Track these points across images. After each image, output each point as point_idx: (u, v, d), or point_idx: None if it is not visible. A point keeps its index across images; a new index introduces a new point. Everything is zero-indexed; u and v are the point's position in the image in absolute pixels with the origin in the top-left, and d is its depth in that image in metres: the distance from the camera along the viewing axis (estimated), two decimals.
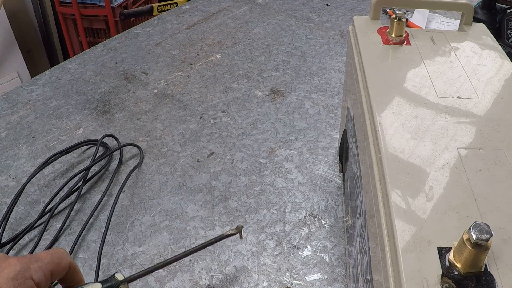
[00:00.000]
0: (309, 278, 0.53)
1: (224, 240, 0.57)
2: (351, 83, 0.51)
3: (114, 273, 0.41)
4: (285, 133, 0.74)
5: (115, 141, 0.73)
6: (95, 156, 0.69)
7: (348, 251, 0.51)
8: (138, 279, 0.46)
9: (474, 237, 0.25)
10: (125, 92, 0.86)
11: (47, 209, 0.61)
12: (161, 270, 0.54)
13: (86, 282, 0.40)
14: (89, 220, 0.60)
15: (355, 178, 0.46)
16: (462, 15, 0.53)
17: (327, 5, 1.17)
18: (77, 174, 0.65)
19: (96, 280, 0.52)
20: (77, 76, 0.92)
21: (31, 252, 0.56)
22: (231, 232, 0.50)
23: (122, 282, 0.41)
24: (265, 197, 0.63)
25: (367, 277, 0.36)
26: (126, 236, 0.58)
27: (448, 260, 0.27)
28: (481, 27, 0.53)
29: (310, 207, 0.61)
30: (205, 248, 0.50)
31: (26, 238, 0.58)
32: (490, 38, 0.51)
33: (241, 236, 0.51)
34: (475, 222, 0.26)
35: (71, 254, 0.55)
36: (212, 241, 0.49)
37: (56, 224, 0.60)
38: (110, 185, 0.65)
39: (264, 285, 0.52)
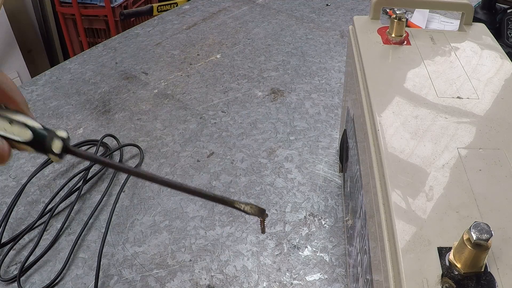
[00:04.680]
0: (309, 278, 0.53)
1: (224, 240, 0.57)
2: (351, 83, 0.51)
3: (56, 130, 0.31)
4: (285, 133, 0.74)
5: (115, 141, 0.73)
6: None
7: (348, 251, 0.51)
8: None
9: (474, 237, 0.25)
10: (125, 92, 0.86)
11: (47, 209, 0.61)
12: (161, 270, 0.54)
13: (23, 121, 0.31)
14: (89, 220, 0.60)
15: (355, 178, 0.46)
16: (462, 15, 0.53)
17: (327, 5, 1.17)
18: (77, 174, 0.65)
19: (96, 280, 0.52)
20: (77, 76, 0.92)
21: (31, 253, 0.56)
22: (249, 209, 0.36)
23: (63, 141, 0.31)
24: (265, 197, 0.63)
25: (367, 277, 0.36)
26: (126, 236, 0.58)
27: (448, 260, 0.27)
28: (481, 27, 0.53)
29: (310, 207, 0.61)
30: (205, 249, 0.49)
31: (26, 238, 0.58)
32: (490, 38, 0.51)
33: (262, 226, 0.38)
34: (475, 222, 0.26)
35: (71, 254, 0.55)
36: (223, 200, 0.36)
37: (56, 224, 0.60)
38: (110, 185, 0.65)
39: (264, 285, 0.52)
